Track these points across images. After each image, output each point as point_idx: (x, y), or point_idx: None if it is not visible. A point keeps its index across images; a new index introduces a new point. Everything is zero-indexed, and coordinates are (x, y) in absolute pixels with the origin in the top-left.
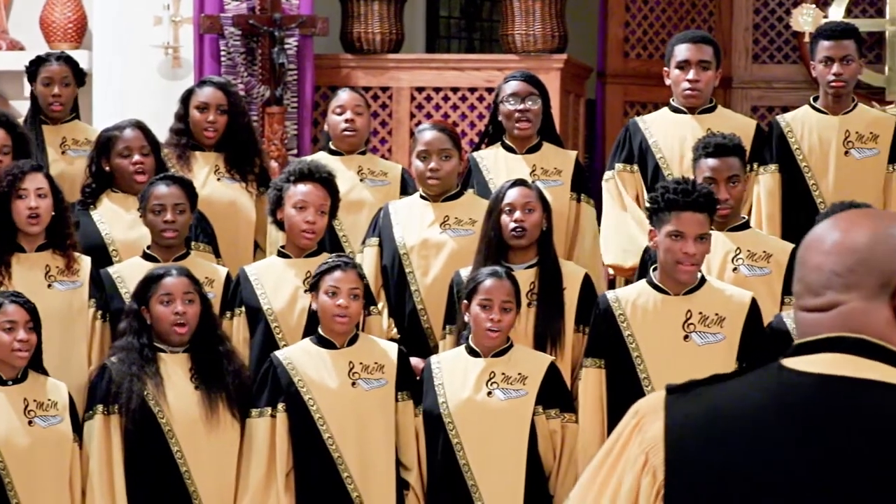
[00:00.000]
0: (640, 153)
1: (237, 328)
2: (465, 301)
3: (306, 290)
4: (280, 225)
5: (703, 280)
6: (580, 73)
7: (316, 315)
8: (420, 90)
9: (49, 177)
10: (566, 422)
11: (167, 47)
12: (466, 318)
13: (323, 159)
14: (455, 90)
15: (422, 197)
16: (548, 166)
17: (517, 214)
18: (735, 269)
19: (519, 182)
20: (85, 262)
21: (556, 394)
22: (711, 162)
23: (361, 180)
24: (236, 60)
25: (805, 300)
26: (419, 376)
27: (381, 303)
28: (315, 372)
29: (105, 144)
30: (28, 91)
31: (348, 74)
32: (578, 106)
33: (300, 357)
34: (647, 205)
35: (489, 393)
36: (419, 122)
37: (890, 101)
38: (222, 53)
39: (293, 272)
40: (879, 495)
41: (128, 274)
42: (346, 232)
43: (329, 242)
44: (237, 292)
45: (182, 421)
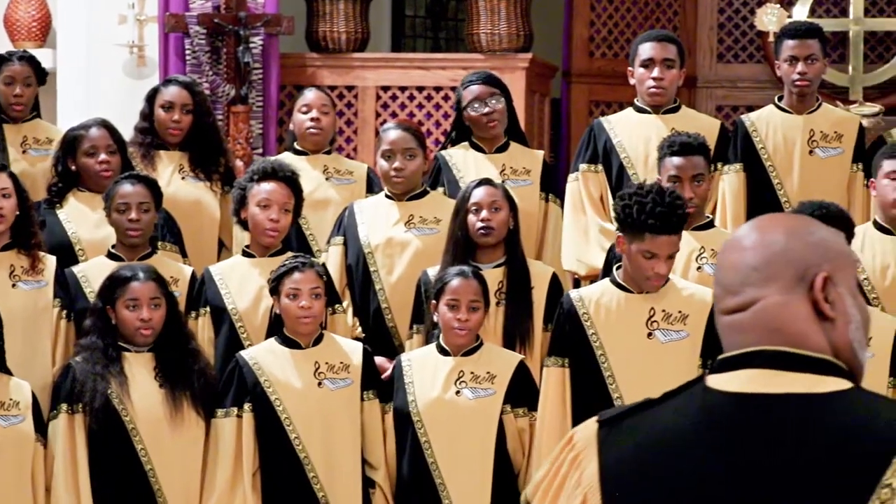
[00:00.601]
0: (605, 153)
1: (202, 328)
2: (434, 301)
3: (269, 289)
4: (244, 224)
5: (667, 279)
6: (545, 73)
7: (279, 315)
8: (385, 89)
9: (13, 176)
10: (534, 420)
11: (132, 46)
12: (435, 318)
13: (288, 159)
14: (420, 89)
15: (387, 196)
16: (516, 166)
17: (484, 213)
18: (699, 268)
19: (485, 181)
20: (50, 262)
21: (525, 392)
22: (676, 160)
23: (327, 179)
24: (201, 59)
25: (724, 301)
26: (384, 375)
27: (346, 301)
28: (281, 372)
29: (71, 143)
30: None
31: (314, 73)
32: (544, 105)
33: (265, 357)
34: (617, 213)
35: (458, 392)
36: (384, 122)
37: (853, 101)
38: (187, 52)
39: (257, 271)
40: None
41: (93, 273)
42: (313, 231)
43: (296, 241)
44: (202, 292)
45: (146, 420)
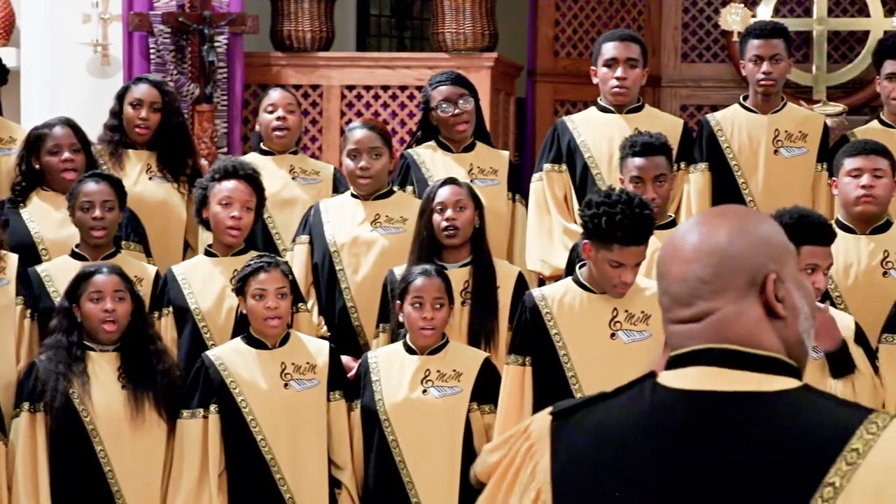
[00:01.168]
0: (569, 153)
1: (165, 328)
2: (398, 301)
3: (233, 289)
4: (206, 224)
5: None
6: (510, 72)
7: (245, 315)
8: (350, 88)
9: None
10: None
11: (96, 45)
12: (400, 318)
13: (254, 159)
14: (385, 88)
15: (353, 195)
16: (484, 165)
17: (449, 213)
18: None
19: (449, 181)
20: (12, 260)
21: (491, 389)
22: (638, 161)
23: (293, 179)
24: (166, 58)
25: (675, 312)
26: (350, 374)
27: (312, 300)
28: (247, 372)
29: (35, 142)
30: None
31: (278, 72)
32: (509, 104)
33: (231, 357)
34: (585, 222)
35: (424, 391)
36: (350, 121)
37: (817, 100)
38: (151, 51)
39: (220, 271)
40: None
41: (56, 273)
42: (279, 230)
43: (261, 241)
44: (164, 292)
45: (106, 420)
